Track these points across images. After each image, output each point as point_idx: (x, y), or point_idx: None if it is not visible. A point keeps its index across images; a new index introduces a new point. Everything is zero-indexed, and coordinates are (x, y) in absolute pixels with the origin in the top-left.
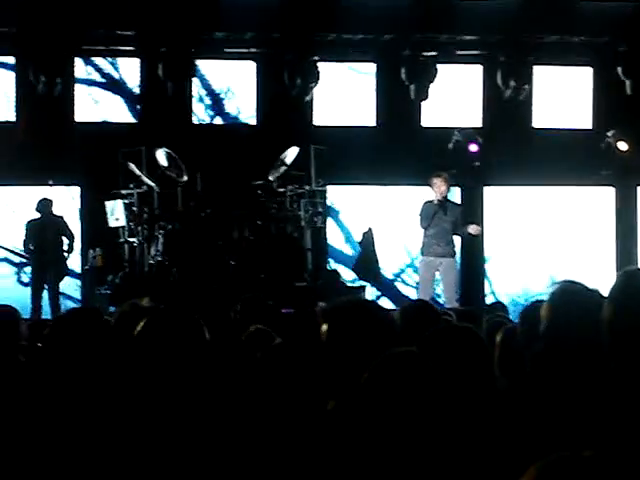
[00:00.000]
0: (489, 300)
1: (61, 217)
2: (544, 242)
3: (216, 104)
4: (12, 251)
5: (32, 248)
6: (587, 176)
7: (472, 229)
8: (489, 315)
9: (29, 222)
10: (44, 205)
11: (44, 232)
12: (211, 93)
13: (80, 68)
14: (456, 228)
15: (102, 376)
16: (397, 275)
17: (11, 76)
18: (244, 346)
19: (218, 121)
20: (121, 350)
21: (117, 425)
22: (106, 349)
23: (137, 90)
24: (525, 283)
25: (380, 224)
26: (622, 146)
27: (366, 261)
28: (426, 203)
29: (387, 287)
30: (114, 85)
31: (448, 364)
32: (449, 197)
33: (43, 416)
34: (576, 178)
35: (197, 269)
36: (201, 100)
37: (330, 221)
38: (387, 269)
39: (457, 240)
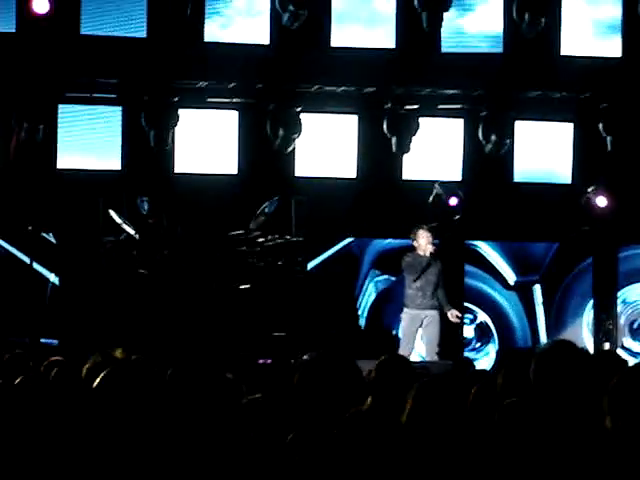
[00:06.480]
0: None
1: None
2: None
3: (198, 152)
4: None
5: None
6: (566, 231)
7: (452, 315)
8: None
9: None
10: None
11: None
12: (193, 142)
13: (63, 114)
14: (439, 281)
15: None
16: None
17: None
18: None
19: (199, 170)
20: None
21: None
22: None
23: (120, 138)
24: None
25: None
26: (601, 202)
27: None
28: (411, 255)
29: None
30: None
31: None
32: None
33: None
34: (555, 233)
35: (174, 318)
36: (182, 148)
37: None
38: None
39: None
